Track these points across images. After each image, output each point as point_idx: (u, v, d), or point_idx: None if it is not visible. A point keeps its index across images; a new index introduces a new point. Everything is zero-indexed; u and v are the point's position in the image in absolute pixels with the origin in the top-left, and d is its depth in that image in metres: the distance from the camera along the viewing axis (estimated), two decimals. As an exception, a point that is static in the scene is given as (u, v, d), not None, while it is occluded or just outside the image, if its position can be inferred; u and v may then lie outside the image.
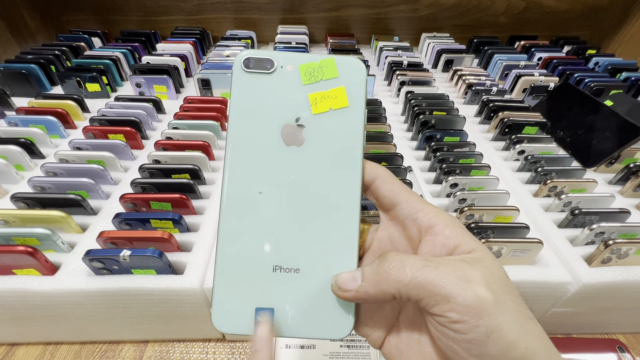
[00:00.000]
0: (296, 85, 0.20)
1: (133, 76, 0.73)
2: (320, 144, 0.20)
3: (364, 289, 0.18)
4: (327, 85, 0.20)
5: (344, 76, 0.20)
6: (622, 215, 0.44)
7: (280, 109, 0.20)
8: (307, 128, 0.20)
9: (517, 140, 0.59)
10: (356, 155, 0.20)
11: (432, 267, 0.16)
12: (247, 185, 0.20)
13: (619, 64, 0.88)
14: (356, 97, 0.20)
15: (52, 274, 0.37)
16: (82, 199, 0.43)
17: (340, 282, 0.18)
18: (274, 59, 0.20)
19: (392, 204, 0.20)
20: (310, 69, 0.20)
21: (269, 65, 0.20)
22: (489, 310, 0.15)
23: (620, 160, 0.55)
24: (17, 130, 0.57)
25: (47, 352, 0.42)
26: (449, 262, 0.17)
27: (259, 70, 0.20)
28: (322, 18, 1.08)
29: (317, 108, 0.20)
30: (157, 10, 1.04)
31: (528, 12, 1.07)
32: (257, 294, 0.19)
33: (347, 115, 0.20)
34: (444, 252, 0.18)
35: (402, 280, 0.16)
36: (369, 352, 0.40)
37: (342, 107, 0.20)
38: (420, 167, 0.56)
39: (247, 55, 0.20)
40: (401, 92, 0.75)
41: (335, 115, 0.20)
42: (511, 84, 0.82)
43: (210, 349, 0.44)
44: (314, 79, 0.20)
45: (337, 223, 0.19)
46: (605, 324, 0.46)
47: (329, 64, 0.20)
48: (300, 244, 0.19)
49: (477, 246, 0.18)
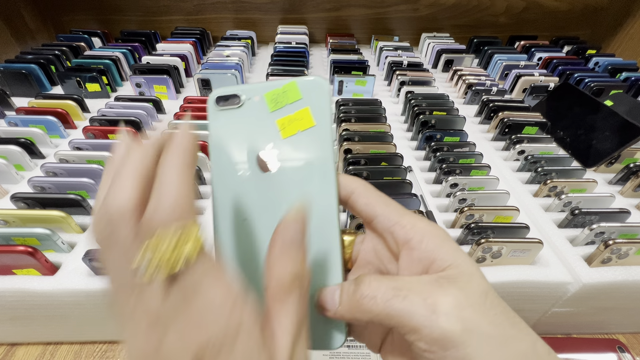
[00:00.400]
0: (264, 113, 0.20)
1: (133, 76, 0.73)
2: (293, 165, 0.20)
3: (340, 313, 0.18)
4: (292, 109, 0.20)
5: (307, 97, 0.20)
6: (622, 215, 0.44)
7: (253, 139, 0.21)
8: (279, 153, 0.20)
9: (517, 140, 0.59)
10: (328, 171, 0.20)
11: (401, 297, 0.16)
12: (233, 215, 0.21)
13: (618, 64, 0.88)
14: (321, 115, 0.20)
15: (52, 274, 0.37)
16: (82, 199, 0.43)
17: (321, 300, 0.19)
18: (240, 93, 0.21)
19: (369, 218, 0.20)
20: (275, 96, 0.20)
21: (237, 100, 0.21)
22: (456, 342, 0.15)
23: (620, 160, 0.55)
24: (17, 130, 0.57)
25: (47, 352, 0.42)
26: (420, 289, 0.16)
27: (229, 107, 0.21)
28: (322, 18, 1.08)
29: (285, 132, 0.20)
30: (157, 10, 1.04)
31: (528, 12, 1.07)
32: None
33: (315, 134, 0.20)
34: (420, 268, 0.18)
35: (373, 311, 0.17)
36: (369, 352, 0.40)
37: (309, 127, 0.20)
38: (420, 167, 0.56)
39: (217, 94, 0.21)
40: (401, 92, 0.75)
41: (303, 136, 0.20)
42: (511, 84, 0.82)
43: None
44: (280, 104, 0.20)
45: (318, 239, 0.20)
46: (605, 324, 0.46)
47: (291, 88, 0.20)
48: None
49: (453, 261, 0.17)
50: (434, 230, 0.18)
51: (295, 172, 0.20)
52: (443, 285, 0.16)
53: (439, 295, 0.16)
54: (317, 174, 0.20)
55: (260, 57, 1.04)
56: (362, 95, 0.79)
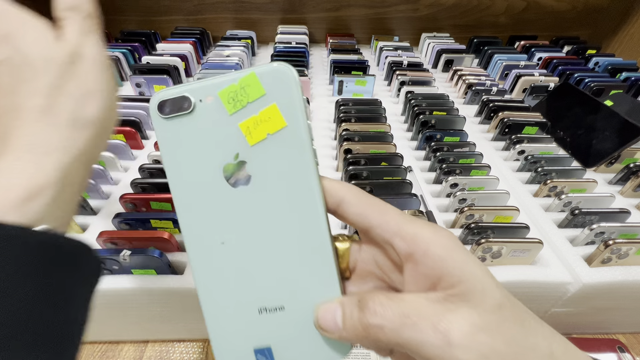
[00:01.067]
0: (223, 117, 0.17)
1: (133, 76, 0.73)
2: (268, 175, 0.18)
3: (345, 336, 0.17)
4: (256, 108, 0.17)
5: (272, 91, 0.17)
6: (622, 215, 0.44)
7: (215, 150, 0.17)
8: (249, 163, 0.17)
9: (517, 140, 0.59)
10: (310, 177, 0.18)
11: (410, 325, 0.15)
12: (207, 238, 0.18)
13: (619, 64, 0.88)
14: (293, 111, 0.17)
15: (52, 274, 0.37)
16: (82, 199, 0.43)
17: (322, 323, 0.18)
18: (189, 94, 0.17)
19: (365, 230, 0.18)
20: (233, 94, 0.17)
21: (186, 104, 0.17)
22: None
23: (620, 160, 0.55)
24: (17, 130, 0.57)
25: (47, 352, 0.42)
26: (429, 313, 0.16)
27: (177, 114, 0.17)
28: (322, 18, 1.08)
29: (252, 138, 0.17)
30: (157, 10, 1.04)
31: (528, 12, 1.07)
32: (251, 336, 0.19)
33: (289, 136, 0.17)
34: (427, 284, 0.17)
35: (380, 340, 0.16)
36: (369, 352, 0.40)
37: (280, 128, 0.17)
38: (420, 167, 0.56)
39: (159, 98, 0.17)
40: (401, 92, 0.75)
41: (275, 140, 0.17)
42: (511, 84, 0.82)
43: (210, 349, 0.44)
44: (240, 104, 0.17)
45: (308, 253, 0.18)
46: (605, 324, 0.46)
47: (251, 82, 0.17)
48: (277, 282, 0.19)
49: (462, 275, 0.16)
50: (439, 240, 0.16)
51: (272, 182, 0.18)
52: (453, 305, 0.15)
53: (450, 320, 0.15)
54: (298, 182, 0.18)
55: (260, 57, 1.04)
56: (362, 95, 0.79)
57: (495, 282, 0.17)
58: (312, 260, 0.18)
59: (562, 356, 0.15)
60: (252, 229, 0.18)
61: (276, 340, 0.19)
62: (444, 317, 0.15)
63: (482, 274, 0.16)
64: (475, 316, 0.15)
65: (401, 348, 0.16)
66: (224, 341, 0.19)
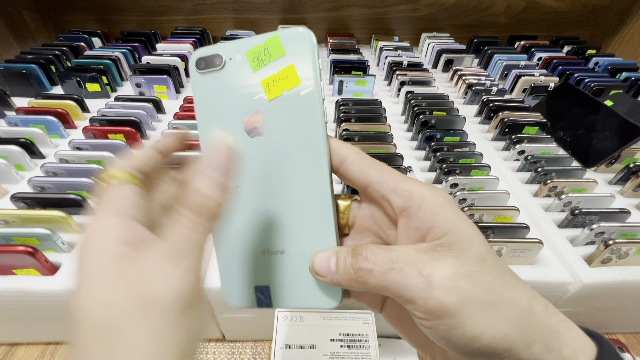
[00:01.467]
0: (247, 74, 0.19)
1: (133, 76, 0.73)
2: (281, 129, 0.19)
3: (337, 280, 0.18)
4: (276, 67, 0.19)
5: (291, 52, 0.18)
6: (622, 215, 0.44)
7: (238, 102, 0.19)
8: (265, 116, 0.19)
9: (517, 140, 0.59)
10: (318, 134, 0.19)
11: (396, 270, 0.16)
12: None
13: (618, 64, 0.88)
14: (308, 72, 0.18)
15: (52, 274, 0.37)
16: (82, 199, 0.43)
17: (317, 267, 0.19)
18: (221, 52, 0.19)
19: (364, 186, 0.19)
20: (257, 54, 0.19)
21: (218, 60, 0.19)
22: (451, 312, 0.16)
23: (620, 160, 0.55)
24: (17, 130, 0.57)
25: (47, 352, 0.42)
26: (415, 260, 0.17)
27: (211, 69, 0.19)
28: (322, 18, 1.08)
29: (270, 93, 0.19)
30: (157, 10, 1.04)
31: (528, 12, 1.07)
32: (254, 275, 0.21)
33: (302, 94, 0.19)
34: (417, 236, 0.18)
35: (369, 283, 0.17)
36: (368, 352, 0.40)
37: (295, 86, 0.19)
38: (420, 167, 0.56)
39: (197, 56, 0.20)
40: (401, 92, 0.75)
41: (289, 97, 0.19)
42: (511, 84, 0.82)
43: (210, 349, 0.44)
44: (262, 63, 0.19)
45: (310, 205, 0.20)
46: (605, 324, 0.46)
47: (274, 43, 0.19)
48: (280, 227, 0.20)
49: (451, 227, 0.17)
50: (433, 197, 0.18)
51: (284, 135, 0.19)
52: (439, 254, 0.17)
53: (434, 266, 0.16)
54: (307, 137, 0.19)
55: (260, 57, 1.04)
56: (362, 95, 0.79)
57: (481, 238, 0.17)
58: (314, 211, 0.20)
59: (541, 313, 0.17)
60: (263, 177, 0.20)
61: (275, 280, 0.21)
62: (428, 263, 0.16)
63: (468, 229, 0.17)
64: (459, 265, 0.16)
65: (387, 292, 0.17)
66: (230, 277, 0.21)
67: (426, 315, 0.16)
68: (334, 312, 0.39)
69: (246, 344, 0.44)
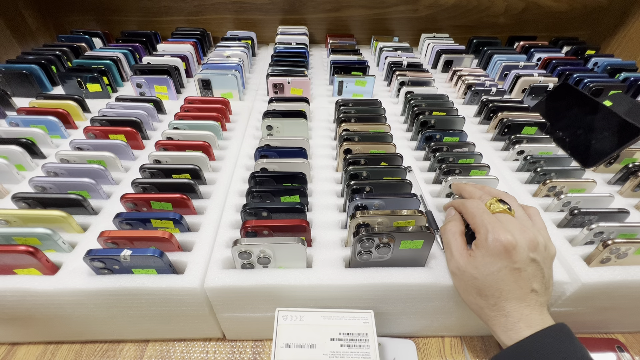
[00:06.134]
0: None
1: (134, 76, 0.73)
2: None
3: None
4: None
5: None
6: (621, 215, 0.44)
7: None
8: None
9: (516, 141, 0.59)
10: None
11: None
12: None
13: (618, 64, 0.88)
14: None
15: (53, 273, 0.37)
16: (83, 198, 0.43)
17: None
18: None
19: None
20: None
21: None
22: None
23: (619, 160, 0.55)
24: (18, 130, 0.57)
25: (47, 352, 0.43)
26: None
27: None
28: (322, 19, 1.09)
29: None
30: (157, 10, 1.04)
31: (527, 13, 1.07)
32: None
33: None
34: None
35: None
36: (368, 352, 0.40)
37: None
38: (420, 167, 0.56)
39: None
40: (401, 92, 0.75)
41: None
42: (510, 85, 0.82)
43: (210, 349, 0.44)
44: None
45: None
46: (605, 324, 0.46)
47: None
48: None
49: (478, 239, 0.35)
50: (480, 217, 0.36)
51: None
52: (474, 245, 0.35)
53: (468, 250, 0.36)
54: None
55: (260, 57, 1.04)
56: (362, 95, 0.79)
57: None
58: None
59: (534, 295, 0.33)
60: None
61: None
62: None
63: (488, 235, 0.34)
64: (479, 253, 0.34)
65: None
66: None
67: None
68: (334, 312, 0.39)
69: (246, 343, 0.45)
